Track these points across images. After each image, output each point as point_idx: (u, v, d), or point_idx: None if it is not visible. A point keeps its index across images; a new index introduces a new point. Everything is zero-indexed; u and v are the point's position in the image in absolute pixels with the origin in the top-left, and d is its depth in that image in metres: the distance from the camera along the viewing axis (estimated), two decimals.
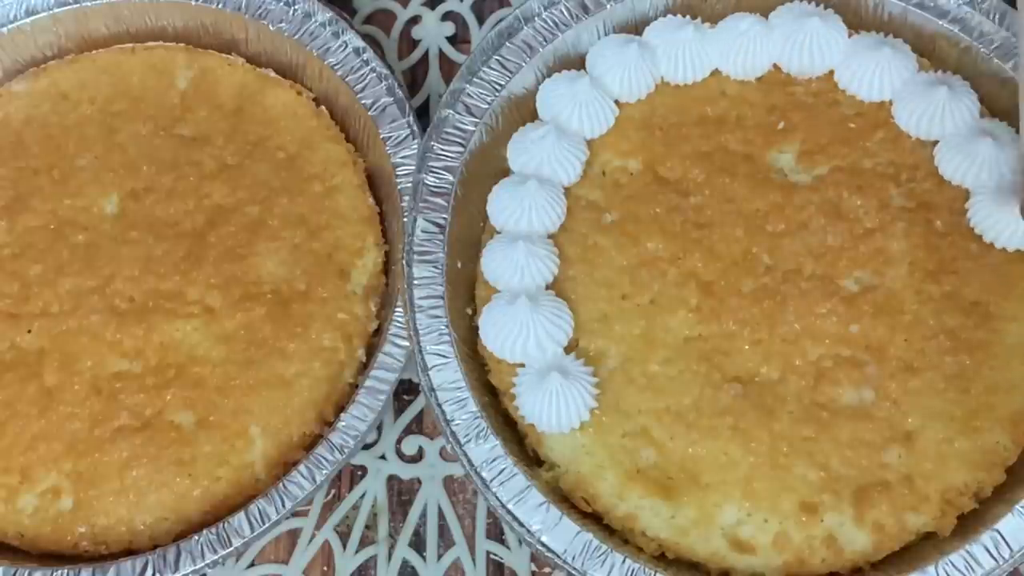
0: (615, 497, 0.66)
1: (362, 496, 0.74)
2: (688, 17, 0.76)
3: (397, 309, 0.71)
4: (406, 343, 0.70)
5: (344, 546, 0.72)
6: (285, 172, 0.76)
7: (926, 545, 0.65)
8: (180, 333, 0.72)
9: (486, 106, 0.74)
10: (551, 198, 0.71)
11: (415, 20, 0.87)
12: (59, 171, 0.77)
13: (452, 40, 0.86)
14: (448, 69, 0.85)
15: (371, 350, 0.73)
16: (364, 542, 0.73)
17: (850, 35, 0.74)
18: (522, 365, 0.68)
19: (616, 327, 0.69)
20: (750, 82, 0.75)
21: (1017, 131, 0.69)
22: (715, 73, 0.75)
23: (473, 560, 0.72)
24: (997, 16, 0.73)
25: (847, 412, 0.66)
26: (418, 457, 0.75)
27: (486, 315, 0.69)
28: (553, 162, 0.72)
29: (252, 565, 0.72)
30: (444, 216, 0.71)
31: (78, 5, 0.80)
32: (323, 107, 0.79)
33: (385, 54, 0.83)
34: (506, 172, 0.74)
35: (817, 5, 0.75)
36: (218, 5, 0.79)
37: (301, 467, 0.68)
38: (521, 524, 0.64)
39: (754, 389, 0.67)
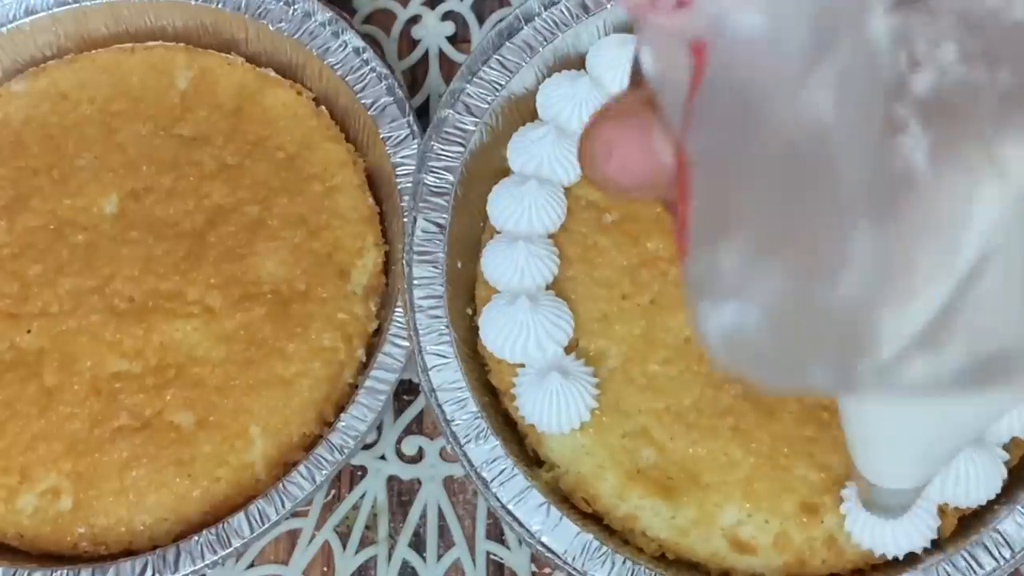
0: (615, 497, 0.66)
1: (362, 496, 0.73)
2: None
3: (397, 309, 0.71)
4: (406, 343, 0.70)
5: (344, 546, 0.72)
6: (285, 172, 0.76)
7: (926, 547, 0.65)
8: (180, 333, 0.72)
9: (486, 106, 0.74)
10: (551, 198, 0.71)
11: (415, 20, 0.87)
12: (58, 171, 0.77)
13: (452, 40, 0.86)
14: (448, 69, 0.85)
15: (371, 350, 0.73)
16: (364, 542, 0.72)
17: None
18: (522, 365, 0.68)
19: (616, 327, 0.69)
20: None
21: None
22: None
23: (473, 560, 0.72)
24: None
25: None
26: (418, 457, 0.75)
27: (486, 315, 0.69)
28: (553, 162, 0.72)
29: (252, 566, 0.72)
30: (444, 216, 0.71)
31: (78, 5, 0.80)
32: (323, 107, 0.79)
33: (385, 54, 0.82)
34: (506, 172, 0.74)
35: None
36: (218, 5, 0.79)
37: (301, 467, 0.68)
38: (521, 525, 0.64)
39: (755, 389, 0.67)
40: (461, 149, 0.73)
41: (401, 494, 0.74)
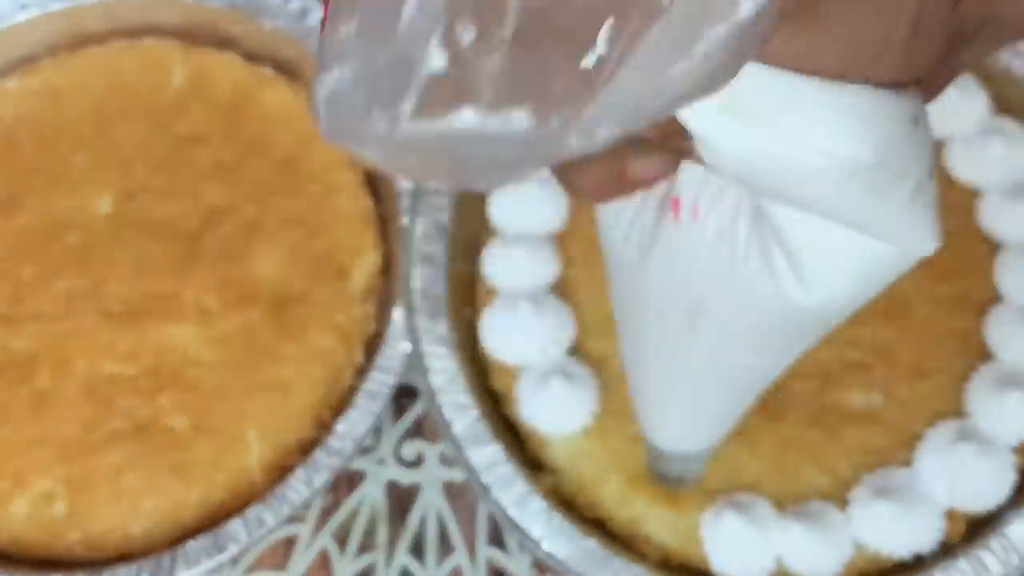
0: (618, 502, 0.65)
1: (360, 501, 0.73)
2: None
3: (396, 310, 0.70)
4: (405, 345, 0.69)
5: (342, 552, 0.71)
6: (283, 171, 0.76)
7: (934, 550, 0.64)
8: (175, 336, 0.71)
9: None
10: (553, 197, 0.71)
11: None
12: (52, 170, 0.76)
13: None
14: None
15: (370, 352, 0.72)
16: (362, 548, 0.72)
17: None
18: (524, 368, 0.68)
19: None
20: None
21: None
22: None
23: (473, 566, 0.71)
24: None
25: (855, 416, 0.65)
26: (418, 462, 0.74)
27: (486, 317, 0.69)
28: None
29: (249, 572, 0.71)
30: (444, 216, 0.71)
31: (72, 2, 0.79)
32: None
33: None
34: None
35: None
36: (213, 2, 0.79)
37: (299, 472, 0.67)
38: (522, 530, 0.63)
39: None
40: None
41: (400, 499, 0.73)
